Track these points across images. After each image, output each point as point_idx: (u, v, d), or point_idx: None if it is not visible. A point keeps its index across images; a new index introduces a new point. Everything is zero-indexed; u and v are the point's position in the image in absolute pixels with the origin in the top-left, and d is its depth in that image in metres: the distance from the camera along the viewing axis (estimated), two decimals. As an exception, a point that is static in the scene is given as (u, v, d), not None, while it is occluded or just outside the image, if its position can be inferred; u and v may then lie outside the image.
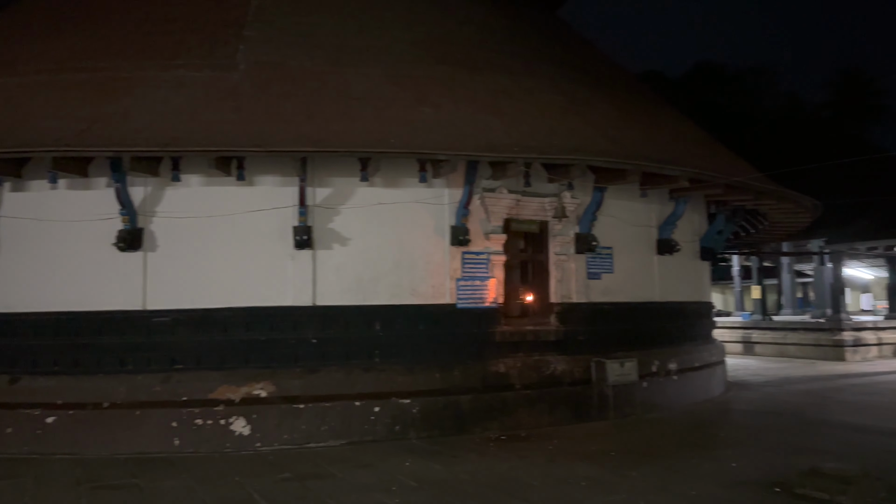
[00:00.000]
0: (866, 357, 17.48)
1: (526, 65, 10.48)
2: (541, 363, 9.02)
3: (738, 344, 19.86)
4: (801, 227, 14.16)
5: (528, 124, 9.09)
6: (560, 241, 9.58)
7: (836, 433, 8.16)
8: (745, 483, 5.93)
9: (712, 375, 11.43)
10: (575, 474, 6.36)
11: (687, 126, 12.26)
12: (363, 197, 8.43)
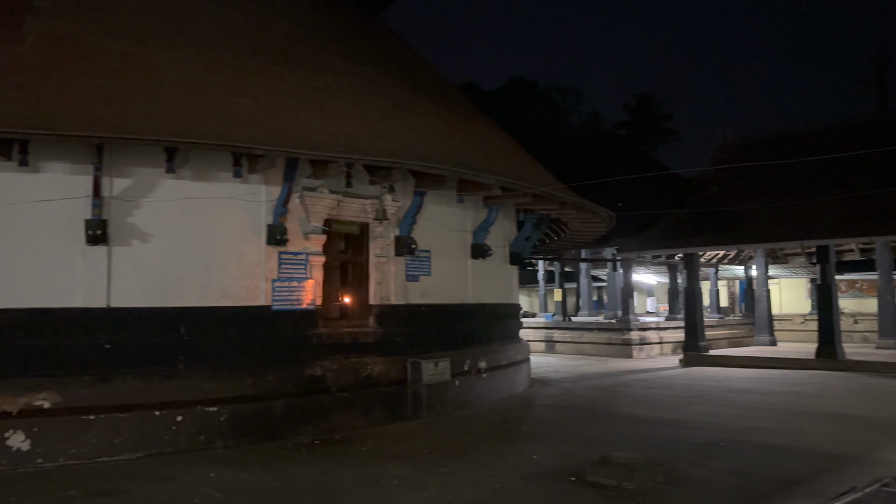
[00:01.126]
0: (650, 354, 19.52)
1: (350, 65, 10.42)
2: (358, 365, 8.99)
3: (542, 343, 21.26)
4: (598, 235, 15.47)
5: (352, 125, 9.03)
6: (380, 243, 9.62)
7: (624, 424, 8.99)
8: (546, 474, 6.33)
9: (518, 373, 12.11)
10: (387, 474, 6.40)
11: (501, 137, 12.90)
12: (170, 190, 7.84)
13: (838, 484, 5.50)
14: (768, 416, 9.31)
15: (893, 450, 6.98)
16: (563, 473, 6.27)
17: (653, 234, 18.57)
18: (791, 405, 10.20)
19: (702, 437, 7.93)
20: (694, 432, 8.22)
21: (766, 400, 10.80)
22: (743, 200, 17.26)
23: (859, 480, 5.38)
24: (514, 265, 12.71)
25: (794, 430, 8.26)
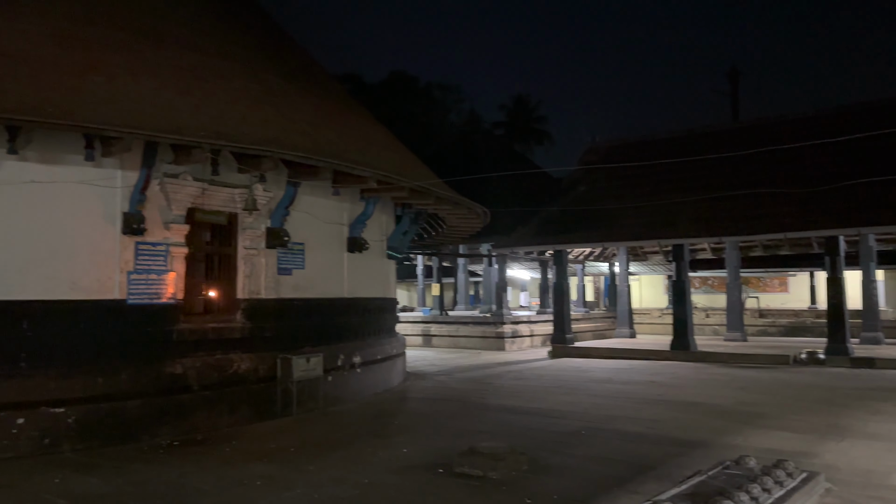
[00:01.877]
0: (521, 347, 20.16)
1: (219, 45, 9.94)
2: (224, 362, 8.61)
3: (419, 337, 21.39)
4: (474, 231, 15.75)
5: (219, 109, 8.61)
6: (250, 234, 9.26)
7: (493, 415, 9.20)
8: (415, 467, 6.34)
9: (393, 367, 12.09)
10: (251, 474, 6.17)
11: (379, 130, 12.80)
12: (11, 172, 7.14)
13: (686, 468, 5.88)
14: (626, 404, 9.85)
15: (735, 434, 7.58)
16: (432, 466, 6.30)
17: (526, 231, 19.17)
18: (647, 394, 10.86)
19: (565, 425, 8.26)
20: (558, 421, 8.55)
21: (625, 389, 11.43)
22: (608, 201, 18.19)
23: (705, 464, 5.78)
24: (392, 259, 12.67)
25: (649, 417, 8.79)
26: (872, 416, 8.53)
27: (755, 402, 9.88)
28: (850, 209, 14.47)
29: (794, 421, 8.31)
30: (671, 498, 4.71)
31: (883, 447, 6.79)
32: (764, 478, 4.99)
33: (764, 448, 6.69)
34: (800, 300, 26.44)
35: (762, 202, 15.71)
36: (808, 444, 7.00)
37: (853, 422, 8.13)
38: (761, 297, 27.08)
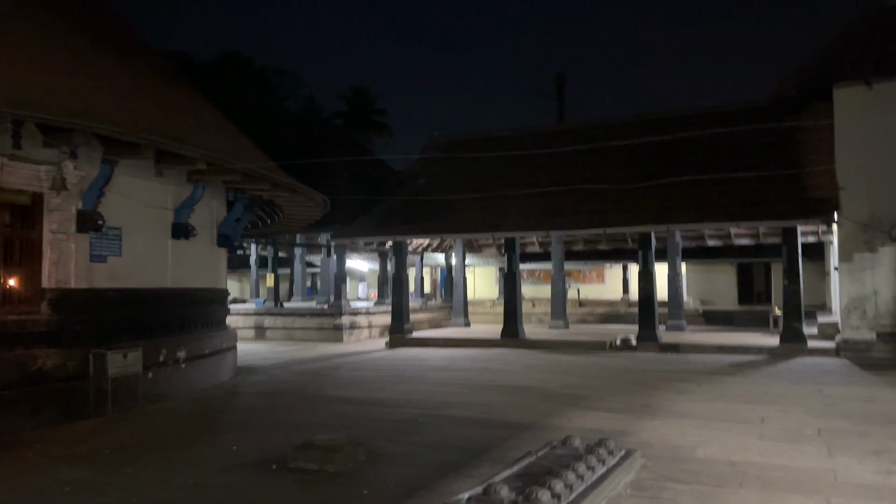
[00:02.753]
0: (359, 338, 20.05)
1: (20, 7, 8.80)
2: (25, 358, 7.67)
3: (252, 330, 20.56)
4: (313, 220, 15.38)
5: (22, 76, 7.62)
6: (58, 217, 8.31)
7: (330, 407, 9.02)
8: (246, 464, 6.02)
9: (222, 361, 11.47)
10: (58, 480, 5.53)
11: (209, 111, 12.04)
12: None
13: (517, 449, 6.10)
14: (462, 391, 10.09)
15: (561, 416, 8.01)
16: (264, 462, 6.03)
17: (366, 222, 19.05)
18: (481, 380, 11.21)
19: (403, 414, 8.28)
20: (396, 410, 8.56)
21: (459, 376, 11.72)
22: (447, 194, 18.54)
23: (534, 445, 6.03)
24: (223, 248, 12.00)
25: (483, 402, 9.06)
26: (679, 395, 9.41)
27: (578, 385, 10.55)
28: (662, 208, 15.87)
29: (613, 402, 8.96)
30: (504, 479, 4.84)
31: (689, 424, 7.49)
32: (588, 456, 5.28)
33: (587, 428, 7.13)
34: (614, 291, 28.70)
35: (585, 200, 16.79)
36: (626, 423, 7.56)
37: (663, 401, 8.92)
38: (581, 288, 29.09)
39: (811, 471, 5.55)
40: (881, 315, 13.90)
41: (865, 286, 14.06)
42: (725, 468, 5.68)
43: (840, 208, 14.24)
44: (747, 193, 15.14)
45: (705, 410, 8.30)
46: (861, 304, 14.09)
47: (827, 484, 5.19)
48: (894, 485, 5.13)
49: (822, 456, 6.03)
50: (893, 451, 6.09)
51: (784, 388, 9.97)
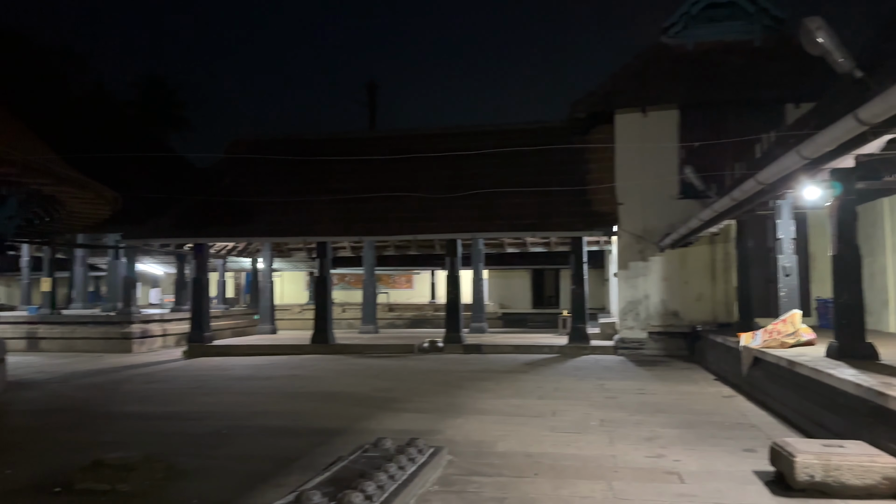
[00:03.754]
0: (152, 348, 18.62)
1: None
2: None
3: (24, 340, 18.29)
4: (102, 219, 14.06)
5: None
6: None
7: (122, 423, 8.30)
8: (22, 490, 5.36)
9: (-11, 377, 10.09)
10: None
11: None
12: None
13: (329, 455, 6.07)
14: (269, 399, 9.80)
15: (372, 420, 8.09)
16: (46, 486, 5.40)
17: (163, 222, 17.79)
18: (289, 387, 10.96)
19: (205, 426, 7.86)
20: (197, 423, 8.10)
21: (267, 385, 11.37)
22: (255, 195, 17.92)
23: (346, 449, 6.04)
24: (-10, 248, 10.58)
25: (292, 410, 8.87)
26: (481, 394, 9.93)
27: (388, 388, 10.72)
28: (468, 217, 16.66)
29: (421, 403, 9.23)
30: (316, 485, 4.81)
31: (490, 420, 7.94)
32: (399, 456, 5.41)
33: (398, 429, 7.28)
34: (422, 296, 29.55)
35: (397, 206, 17.13)
36: (434, 422, 7.83)
37: (467, 400, 9.36)
38: (391, 292, 29.59)
39: (596, 458, 6.15)
40: (651, 316, 15.75)
41: (639, 291, 15.86)
42: (523, 459, 6.10)
43: (619, 222, 15.94)
44: (543, 206, 16.39)
45: (504, 407, 8.84)
46: (635, 307, 15.86)
47: (609, 469, 5.78)
48: (664, 466, 5.84)
49: (604, 444, 6.69)
50: (662, 437, 6.93)
51: (572, 384, 10.92)
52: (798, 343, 8.77)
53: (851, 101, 5.59)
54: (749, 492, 5.05)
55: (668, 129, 15.77)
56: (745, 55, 15.66)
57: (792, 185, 7.88)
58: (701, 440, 6.77)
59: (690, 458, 6.03)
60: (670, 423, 7.62)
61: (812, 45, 5.62)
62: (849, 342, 7.34)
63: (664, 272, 15.74)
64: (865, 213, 12.41)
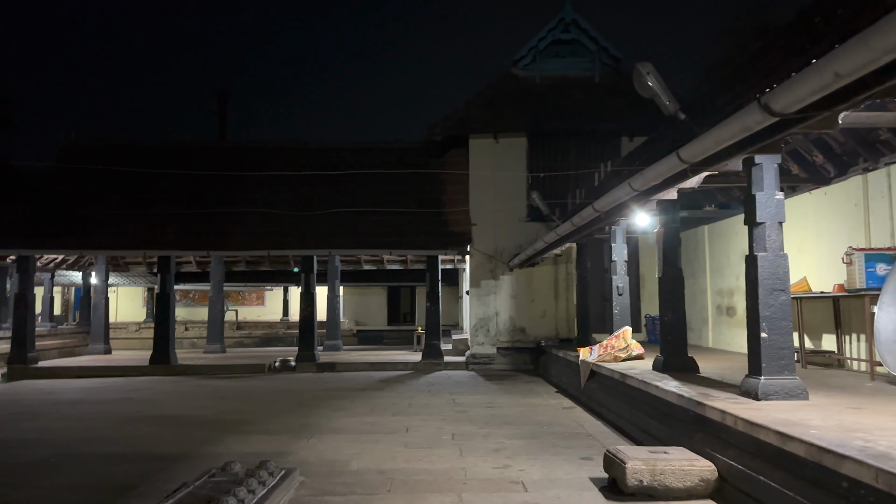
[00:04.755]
0: (-37, 370, 16.63)
1: None
2: None
3: None
4: None
5: None
6: None
7: (-75, 456, 7.38)
8: None
9: None
10: None
11: None
12: None
13: (172, 482, 5.77)
14: (103, 425, 9.12)
15: (219, 443, 7.78)
16: None
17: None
18: (126, 411, 10.26)
19: (30, 455, 7.17)
20: (20, 452, 7.37)
21: (101, 409, 10.56)
22: (90, 205, 16.67)
23: (191, 475, 5.78)
24: None
25: (129, 436, 8.31)
26: (335, 412, 9.85)
27: (236, 410, 10.33)
28: (325, 233, 16.51)
29: (272, 424, 9.00)
30: (159, 515, 4.58)
31: (344, 439, 7.90)
32: (249, 480, 5.27)
33: (247, 452, 7.06)
34: (274, 313, 28.77)
35: (251, 220, 16.63)
36: (285, 443, 7.67)
37: (320, 419, 9.25)
38: (240, 310, 28.54)
39: (447, 471, 6.33)
40: (501, 332, 16.41)
41: (490, 308, 16.48)
42: (376, 476, 6.15)
43: (472, 241, 16.52)
44: (401, 224, 16.62)
45: (358, 425, 8.84)
46: (486, 324, 16.45)
47: (459, 482, 5.97)
48: (509, 476, 6.13)
49: (455, 457, 6.90)
50: (509, 448, 7.27)
51: (425, 400, 11.13)
52: (629, 357, 9.55)
53: (675, 140, 6.26)
54: (585, 497, 5.43)
55: (517, 155, 16.63)
56: (587, 90, 16.90)
57: (625, 213, 8.62)
58: (543, 450, 7.17)
59: (534, 468, 6.38)
60: (516, 435, 7.99)
61: (643, 87, 6.24)
62: (673, 356, 8.12)
63: (513, 290, 16.48)
64: (688, 238, 13.79)
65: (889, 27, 3.09)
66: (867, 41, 3.17)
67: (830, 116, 4.18)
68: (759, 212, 5.76)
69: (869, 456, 3.60)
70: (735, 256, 12.13)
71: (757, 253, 5.81)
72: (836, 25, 4.74)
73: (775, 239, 5.78)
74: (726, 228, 12.56)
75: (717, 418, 5.49)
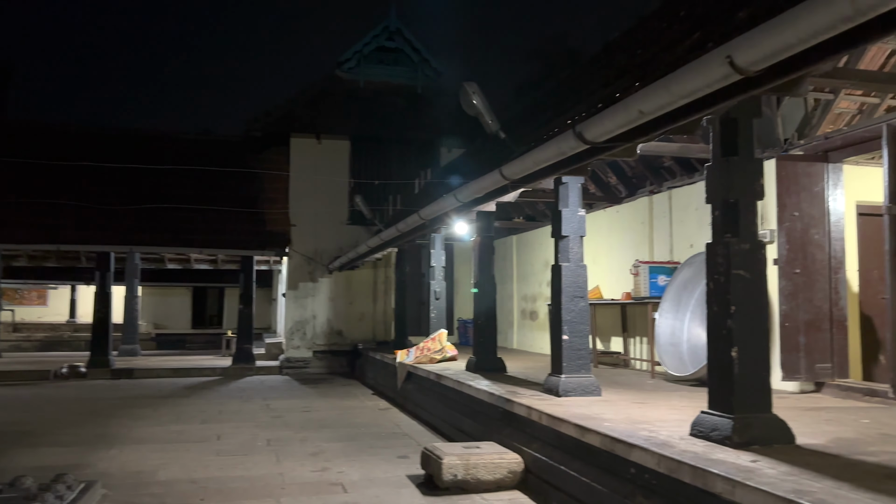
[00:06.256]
0: None
1: None
2: None
3: None
4: None
5: None
6: None
7: None
8: None
9: None
10: None
11: None
12: None
13: (-58, 503, 5.08)
14: None
15: (3, 457, 6.91)
16: None
17: None
18: None
19: None
20: None
21: None
22: None
23: (-33, 494, 5.12)
24: None
25: None
26: (136, 422, 9.18)
27: (19, 420, 9.25)
28: (126, 228, 15.29)
29: (64, 435, 8.19)
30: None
31: (148, 449, 7.41)
32: (44, 494, 4.81)
33: (39, 466, 6.37)
34: (59, 314, 26.03)
35: (31, 210, 14.95)
36: (81, 455, 7.03)
37: (120, 429, 8.57)
38: (17, 310, 25.45)
39: (263, 477, 6.20)
40: (318, 336, 16.27)
41: (307, 311, 16.28)
42: (188, 486, 5.87)
43: (291, 243, 16.22)
44: (215, 221, 15.87)
45: (164, 434, 8.34)
46: (302, 327, 16.22)
47: (277, 487, 5.89)
48: (328, 479, 6.16)
49: (271, 463, 6.78)
50: (327, 451, 7.27)
51: (237, 406, 10.75)
52: (444, 359, 9.98)
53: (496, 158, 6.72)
54: (403, 494, 5.62)
55: (340, 157, 16.62)
56: (409, 99, 17.34)
57: (447, 222, 9.03)
58: (361, 451, 7.28)
59: (352, 469, 6.46)
60: (334, 438, 8.02)
61: (469, 105, 6.62)
62: (484, 357, 8.63)
63: (331, 293, 16.42)
64: (498, 247, 14.68)
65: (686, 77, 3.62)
66: (667, 86, 3.69)
67: (631, 146, 4.76)
68: (564, 226, 6.35)
69: (653, 444, 4.15)
70: (539, 265, 13.13)
71: (561, 263, 6.39)
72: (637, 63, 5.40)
73: (577, 251, 6.40)
74: (532, 239, 13.56)
75: (523, 414, 5.95)
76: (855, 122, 6.65)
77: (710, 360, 4.32)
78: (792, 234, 6.64)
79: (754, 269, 4.09)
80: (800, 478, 3.28)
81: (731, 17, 3.95)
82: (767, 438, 4.00)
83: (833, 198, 6.74)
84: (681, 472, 3.71)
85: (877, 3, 2.47)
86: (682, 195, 8.89)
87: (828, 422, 5.07)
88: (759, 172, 4.20)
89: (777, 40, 2.97)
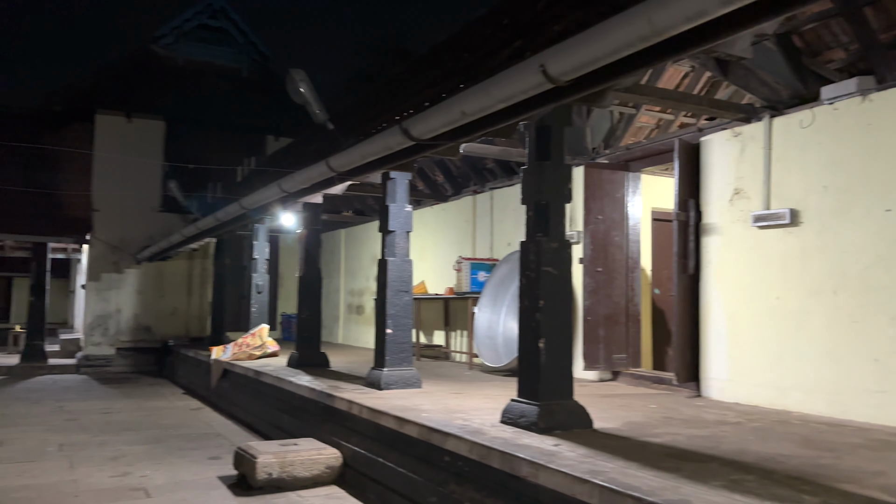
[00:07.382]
0: None
1: None
2: None
3: None
4: None
5: None
6: None
7: None
8: None
9: None
10: None
11: None
12: None
13: None
14: None
15: None
16: None
17: None
18: None
19: None
20: None
21: None
22: None
23: None
24: None
25: None
26: None
27: None
28: None
29: None
30: None
31: None
32: None
33: None
34: None
35: None
36: None
37: None
38: None
39: (55, 484, 5.62)
40: (122, 332, 15.02)
41: (111, 304, 14.96)
42: (-40, 500, 5.18)
43: (94, 230, 14.80)
44: (2, 202, 14.06)
45: (-71, 443, 7.28)
46: (105, 322, 14.89)
47: (70, 494, 5.36)
48: (130, 484, 5.71)
49: (64, 469, 6.16)
50: (129, 456, 6.74)
51: (25, 408, 9.65)
52: (265, 355, 9.65)
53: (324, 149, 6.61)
54: (213, 496, 5.36)
55: (154, 139, 15.45)
56: (234, 82, 16.56)
57: (272, 212, 8.72)
58: (168, 453, 6.84)
59: (158, 473, 6.05)
60: (137, 440, 7.46)
61: (295, 93, 6.43)
62: (307, 352, 8.46)
63: (139, 285, 15.23)
64: (326, 241, 14.47)
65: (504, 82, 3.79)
66: (488, 90, 3.85)
67: (455, 146, 4.90)
68: (391, 221, 6.40)
69: (466, 432, 4.31)
70: (367, 260, 13.14)
71: (387, 257, 6.44)
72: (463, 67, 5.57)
73: (403, 246, 6.48)
74: (360, 234, 13.53)
75: (344, 408, 5.92)
76: (653, 135, 7.38)
77: (521, 350, 4.58)
78: (595, 235, 7.22)
79: (561, 267, 4.39)
80: (595, 459, 3.57)
81: (548, 29, 4.20)
82: (569, 423, 4.31)
83: (632, 203, 7.41)
84: (490, 457, 3.89)
85: (670, 25, 2.75)
86: (503, 196, 9.32)
87: (621, 407, 5.57)
88: (568, 177, 4.51)
89: (584, 53, 3.21)
